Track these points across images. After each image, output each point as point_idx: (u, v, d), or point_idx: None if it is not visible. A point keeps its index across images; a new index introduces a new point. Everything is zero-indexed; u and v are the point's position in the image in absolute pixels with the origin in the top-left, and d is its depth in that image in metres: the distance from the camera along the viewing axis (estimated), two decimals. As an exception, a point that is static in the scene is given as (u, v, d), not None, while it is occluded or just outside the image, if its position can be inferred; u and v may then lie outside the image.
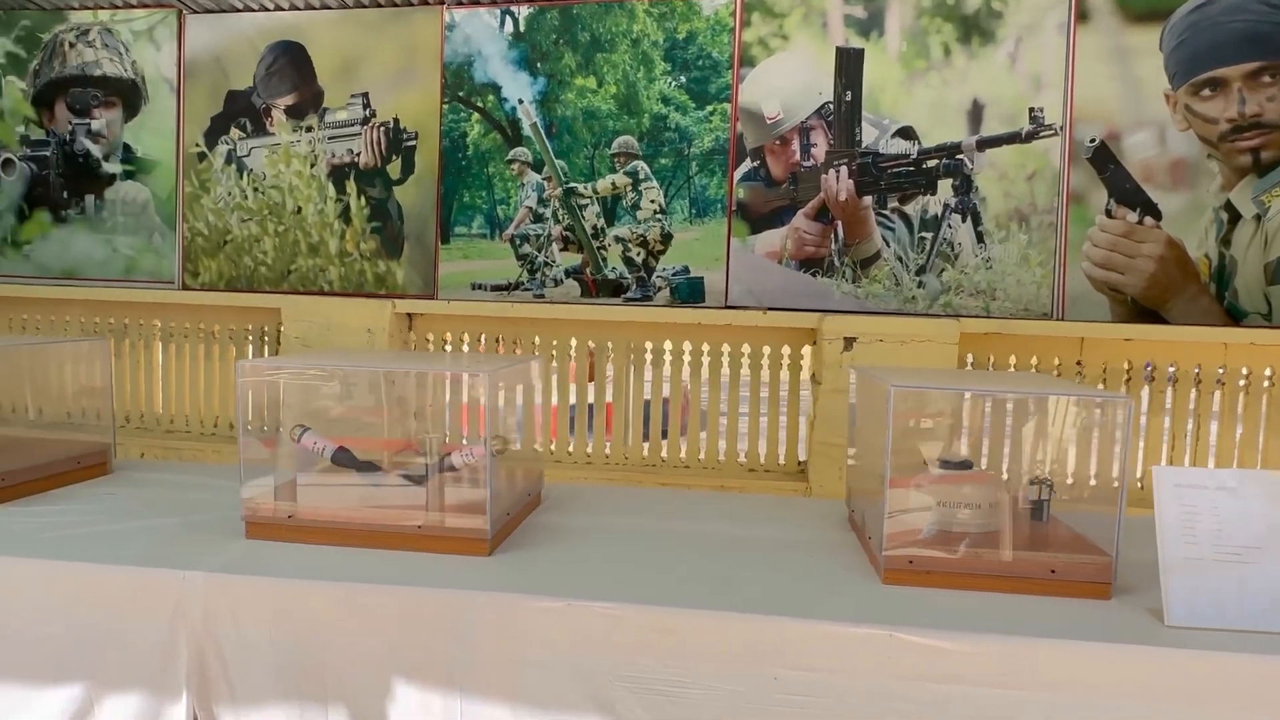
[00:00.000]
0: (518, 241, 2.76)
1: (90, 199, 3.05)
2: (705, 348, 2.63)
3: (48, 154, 3.07)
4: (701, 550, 1.57)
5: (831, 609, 1.30)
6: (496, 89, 2.75)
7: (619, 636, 1.30)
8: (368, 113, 2.83)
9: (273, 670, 1.39)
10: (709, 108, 2.62)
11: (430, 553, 1.51)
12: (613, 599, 1.32)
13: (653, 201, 2.66)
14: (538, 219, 2.74)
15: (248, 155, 2.93)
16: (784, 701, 1.25)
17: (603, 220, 2.70)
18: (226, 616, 1.39)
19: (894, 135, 2.54)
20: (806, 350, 2.60)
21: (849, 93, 2.55)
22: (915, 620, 1.26)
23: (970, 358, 2.51)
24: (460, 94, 2.77)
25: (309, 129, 2.88)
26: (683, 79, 2.64)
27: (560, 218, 2.72)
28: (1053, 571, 1.36)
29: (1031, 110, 2.48)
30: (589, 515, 1.79)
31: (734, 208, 2.62)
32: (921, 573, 1.39)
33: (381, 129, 2.82)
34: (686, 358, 2.65)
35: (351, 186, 2.85)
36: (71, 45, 3.02)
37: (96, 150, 3.03)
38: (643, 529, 1.70)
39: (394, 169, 2.83)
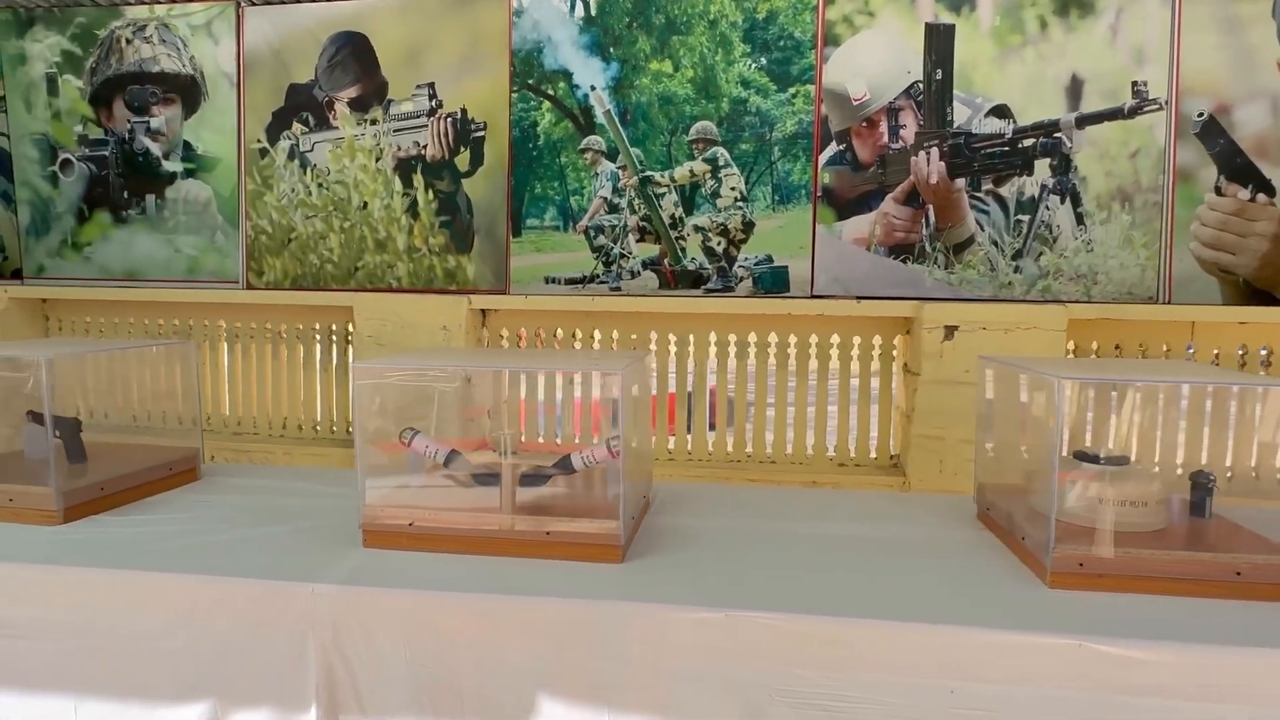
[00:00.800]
0: (592, 233, 2.68)
1: (151, 199, 3.00)
2: (792, 339, 2.54)
3: (106, 153, 3.02)
4: (837, 552, 1.50)
5: (1004, 616, 1.23)
6: (568, 76, 2.66)
7: (779, 648, 1.23)
8: (434, 103, 2.76)
9: (405, 685, 1.33)
10: (791, 90, 2.53)
11: (559, 560, 1.45)
12: (761, 608, 1.25)
13: (733, 189, 2.58)
14: (613, 209, 2.66)
15: (311, 150, 2.86)
16: (962, 716, 1.18)
17: (681, 209, 2.61)
18: (356, 629, 1.34)
19: (987, 114, 2.43)
20: (898, 340, 2.51)
21: (939, 71, 2.44)
22: (1095, 628, 1.18)
23: (1071, 344, 2.40)
24: (530, 82, 2.69)
25: (373, 122, 2.81)
26: (763, 60, 2.54)
27: (636, 207, 2.64)
28: (1238, 574, 1.27)
29: (1134, 84, 2.37)
30: (703, 517, 1.72)
31: (819, 193, 2.53)
32: (1093, 576, 1.31)
33: (449, 120, 2.75)
34: (772, 350, 2.56)
35: (419, 180, 2.78)
36: (128, 42, 2.97)
37: (156, 148, 2.98)
38: (764, 531, 1.63)
39: (462, 161, 2.76)
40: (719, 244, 2.59)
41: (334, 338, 2.92)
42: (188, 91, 2.95)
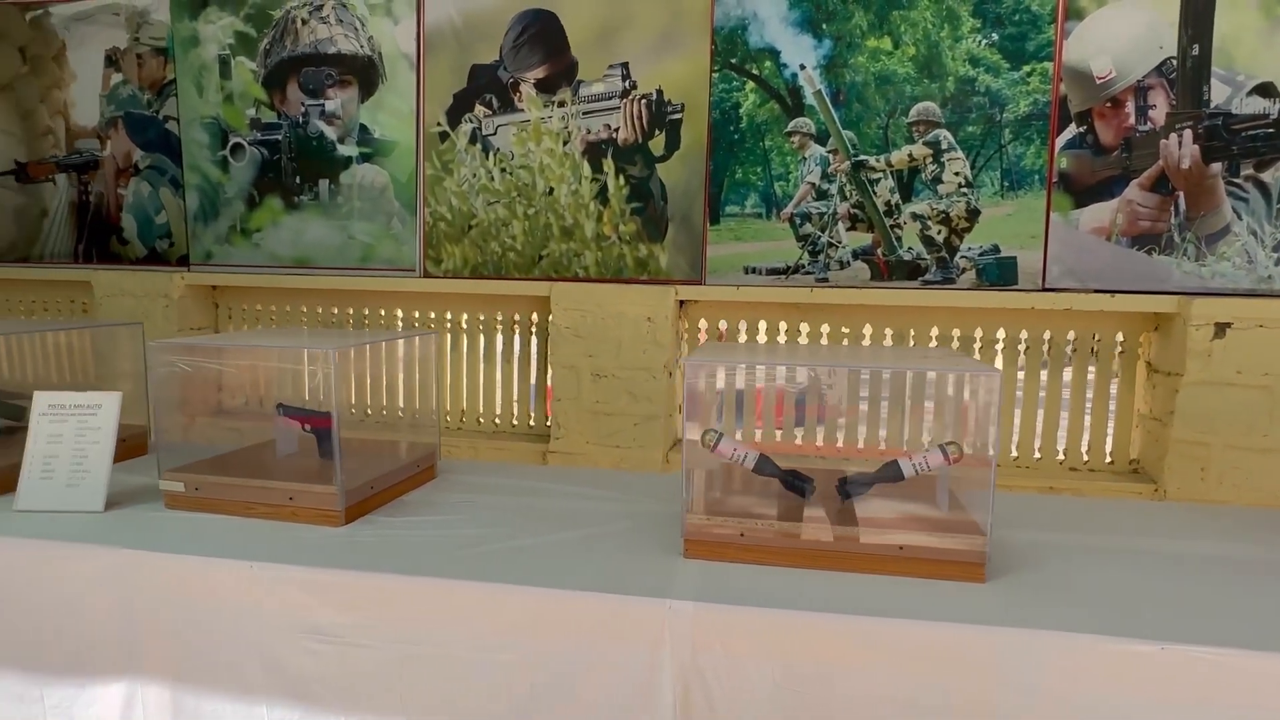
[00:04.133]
0: (798, 220, 2.55)
1: (324, 184, 2.93)
2: (1023, 335, 2.39)
3: (279, 137, 2.96)
4: (1216, 573, 1.35)
5: None
6: (774, 54, 2.52)
7: (1224, 688, 1.10)
8: (627, 84, 2.64)
9: (771, 710, 1.22)
10: (1026, 68, 2.36)
11: (911, 578, 1.33)
12: (1197, 640, 1.11)
13: (957, 174, 2.42)
14: (821, 195, 2.52)
15: (494, 134, 2.77)
16: None
17: (897, 196, 2.47)
18: (718, 649, 1.23)
19: (1250, 93, 2.24)
20: (1144, 337, 2.34)
21: (1196, 46, 2.25)
22: None
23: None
24: (732, 61, 2.56)
25: (561, 104, 2.70)
26: (994, 36, 2.38)
27: (848, 194, 2.50)
28: None
29: None
30: (1012, 529, 1.58)
31: (1055, 179, 2.36)
32: None
33: (643, 102, 2.63)
34: (999, 347, 2.41)
35: (609, 165, 2.67)
36: (304, 22, 2.89)
37: (331, 132, 2.91)
38: (1103, 546, 1.48)
39: (656, 145, 2.64)
40: (939, 233, 2.44)
41: (516, 328, 2.83)
42: (364, 73, 2.87)
